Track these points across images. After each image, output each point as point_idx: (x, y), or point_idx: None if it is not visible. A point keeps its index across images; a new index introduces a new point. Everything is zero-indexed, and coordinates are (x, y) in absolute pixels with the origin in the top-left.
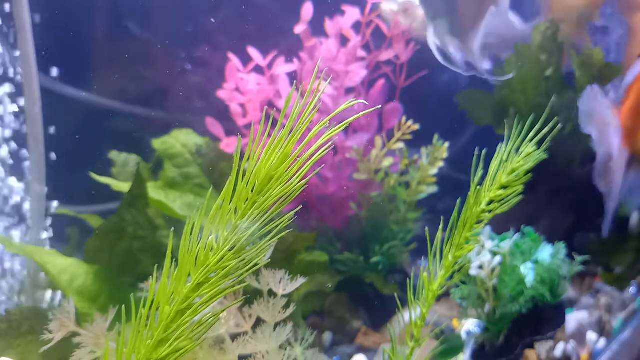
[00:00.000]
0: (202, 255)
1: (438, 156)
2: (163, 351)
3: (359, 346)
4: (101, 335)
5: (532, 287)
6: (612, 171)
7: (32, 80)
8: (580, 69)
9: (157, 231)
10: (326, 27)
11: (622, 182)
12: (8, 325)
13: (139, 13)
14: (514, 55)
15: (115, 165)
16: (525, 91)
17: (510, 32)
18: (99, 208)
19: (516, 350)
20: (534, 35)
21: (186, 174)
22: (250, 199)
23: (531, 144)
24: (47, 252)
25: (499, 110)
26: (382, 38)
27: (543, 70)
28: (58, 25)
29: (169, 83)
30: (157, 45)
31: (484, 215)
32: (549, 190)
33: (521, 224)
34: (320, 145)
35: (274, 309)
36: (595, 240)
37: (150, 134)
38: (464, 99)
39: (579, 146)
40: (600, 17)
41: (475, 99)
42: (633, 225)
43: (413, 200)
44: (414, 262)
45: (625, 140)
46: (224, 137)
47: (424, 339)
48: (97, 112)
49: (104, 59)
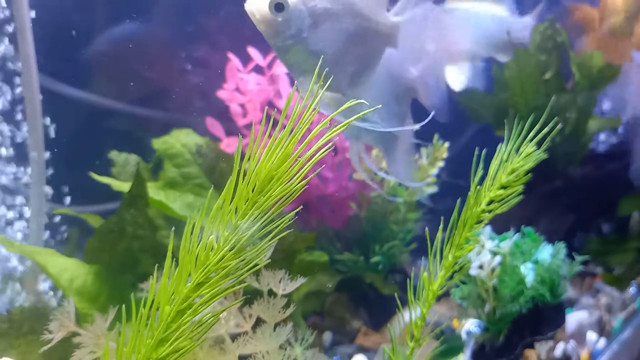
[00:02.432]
0: (202, 255)
1: (438, 156)
2: (163, 351)
3: (359, 346)
4: (101, 335)
5: (532, 287)
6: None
7: (32, 80)
8: (579, 71)
9: (157, 231)
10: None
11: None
12: (9, 325)
13: (139, 13)
14: (514, 59)
15: (115, 165)
16: (524, 93)
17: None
18: (99, 208)
19: (516, 350)
20: (534, 36)
21: (186, 174)
22: (250, 199)
23: (531, 144)
24: (47, 252)
25: (499, 111)
26: None
27: (542, 72)
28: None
29: (169, 83)
30: (157, 45)
31: (484, 215)
32: (549, 190)
33: (521, 224)
34: (320, 146)
35: (274, 309)
36: (595, 240)
37: (150, 134)
38: (465, 97)
39: (579, 146)
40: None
41: (476, 99)
42: (633, 225)
43: (413, 200)
44: (414, 262)
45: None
46: (224, 137)
47: (424, 339)
48: (97, 111)
49: (104, 59)
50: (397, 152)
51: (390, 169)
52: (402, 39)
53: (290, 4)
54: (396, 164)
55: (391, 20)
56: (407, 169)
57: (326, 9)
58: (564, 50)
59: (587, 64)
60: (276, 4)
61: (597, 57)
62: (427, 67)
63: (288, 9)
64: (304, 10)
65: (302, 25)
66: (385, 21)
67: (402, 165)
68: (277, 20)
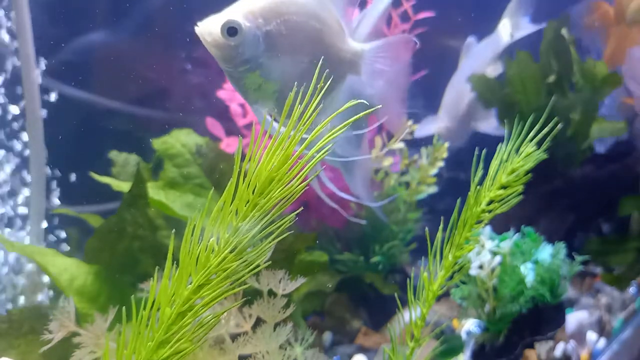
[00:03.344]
0: (202, 257)
1: (438, 156)
2: (164, 353)
3: (359, 346)
4: (101, 335)
5: (532, 287)
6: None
7: (32, 80)
8: (582, 77)
9: (157, 231)
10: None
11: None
12: (9, 325)
13: (139, 12)
14: (515, 60)
15: (115, 165)
16: (526, 94)
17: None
18: (99, 208)
19: (516, 350)
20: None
21: (186, 174)
22: (251, 201)
23: (531, 144)
24: (47, 252)
25: (505, 101)
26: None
27: (545, 74)
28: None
29: (169, 83)
30: (157, 45)
31: (484, 215)
32: (549, 190)
33: (521, 224)
34: (321, 147)
35: (273, 309)
36: (595, 240)
37: (150, 134)
38: (477, 81)
39: (580, 148)
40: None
41: (487, 84)
42: (633, 225)
43: (413, 200)
44: (414, 262)
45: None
46: (224, 137)
47: (424, 339)
48: (96, 111)
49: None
50: (356, 174)
51: (352, 189)
52: (366, 66)
53: (244, 27)
54: (357, 185)
55: (354, 47)
56: (367, 190)
57: (282, 35)
58: (569, 54)
59: (591, 70)
60: (229, 28)
61: (600, 66)
62: (390, 94)
63: (242, 33)
64: (258, 35)
65: (257, 50)
66: (348, 48)
67: (362, 186)
68: (230, 45)
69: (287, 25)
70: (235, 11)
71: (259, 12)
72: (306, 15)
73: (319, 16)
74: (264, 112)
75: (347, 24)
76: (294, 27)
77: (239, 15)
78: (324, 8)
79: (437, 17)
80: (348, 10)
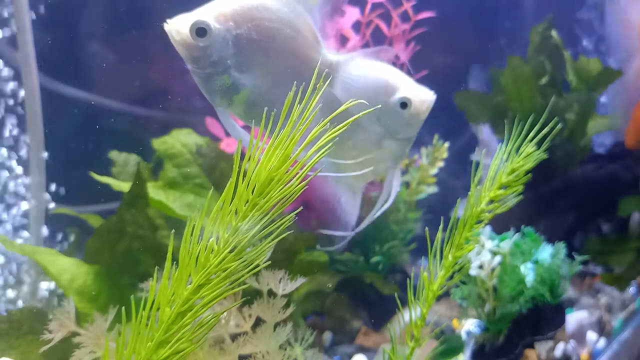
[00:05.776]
0: (202, 257)
1: (438, 156)
2: (163, 353)
3: (359, 346)
4: (101, 335)
5: (532, 287)
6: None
7: (32, 80)
8: (576, 76)
9: (157, 231)
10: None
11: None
12: (9, 325)
13: (139, 12)
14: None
15: (115, 165)
16: (520, 98)
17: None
18: (99, 208)
19: (516, 350)
20: (532, 37)
21: (186, 174)
22: (250, 201)
23: (531, 144)
24: (48, 251)
25: (496, 112)
26: (382, 38)
27: (538, 77)
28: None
29: (169, 83)
30: (157, 45)
31: (484, 215)
32: (549, 190)
33: (521, 224)
34: (320, 147)
35: (273, 309)
36: (595, 240)
37: (150, 134)
38: (462, 98)
39: (579, 147)
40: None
41: (473, 99)
42: (633, 225)
43: (413, 200)
44: (414, 262)
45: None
46: (224, 137)
47: (424, 339)
48: (97, 111)
49: (103, 58)
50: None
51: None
52: (341, 78)
53: (214, 29)
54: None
55: (329, 58)
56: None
57: (253, 40)
58: (560, 54)
59: (585, 68)
60: (198, 28)
61: (594, 62)
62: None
63: (211, 35)
64: (228, 38)
65: (225, 53)
66: (323, 59)
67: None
68: (198, 46)
69: (258, 30)
70: (206, 12)
71: (231, 15)
72: (279, 22)
73: (293, 24)
74: (228, 114)
75: (323, 35)
76: (266, 32)
77: (210, 16)
78: (298, 17)
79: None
80: (325, 22)
